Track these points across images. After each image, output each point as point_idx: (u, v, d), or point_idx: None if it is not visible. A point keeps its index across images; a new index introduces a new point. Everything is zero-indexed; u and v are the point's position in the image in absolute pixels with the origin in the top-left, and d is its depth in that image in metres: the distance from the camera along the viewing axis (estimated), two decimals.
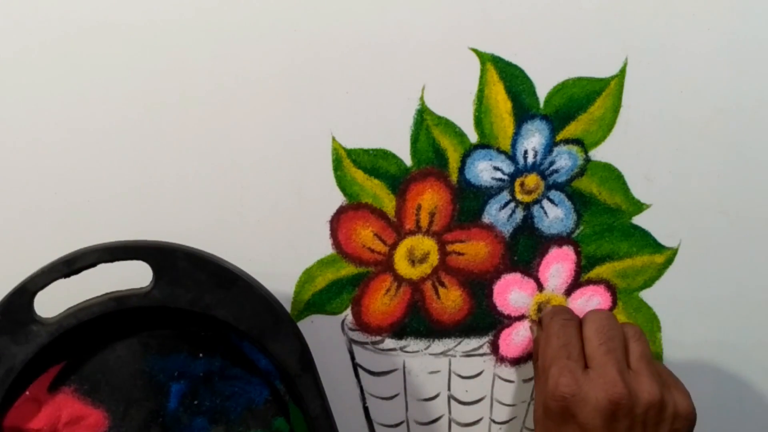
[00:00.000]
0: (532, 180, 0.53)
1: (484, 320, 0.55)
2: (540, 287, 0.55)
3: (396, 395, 0.56)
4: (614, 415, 0.44)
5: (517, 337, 0.55)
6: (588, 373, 0.46)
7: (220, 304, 0.46)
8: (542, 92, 0.51)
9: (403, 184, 0.52)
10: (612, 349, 0.46)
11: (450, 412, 0.56)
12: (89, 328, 0.45)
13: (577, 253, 0.55)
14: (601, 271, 0.55)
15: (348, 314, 0.54)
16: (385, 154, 0.51)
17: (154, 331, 0.47)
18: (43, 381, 0.46)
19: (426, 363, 0.55)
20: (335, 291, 0.53)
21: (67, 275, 0.44)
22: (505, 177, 0.53)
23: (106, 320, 0.45)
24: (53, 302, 0.45)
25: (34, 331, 0.44)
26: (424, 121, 0.51)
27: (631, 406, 0.44)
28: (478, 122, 0.51)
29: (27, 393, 0.46)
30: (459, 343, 0.55)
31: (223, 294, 0.46)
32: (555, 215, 0.54)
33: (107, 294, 0.45)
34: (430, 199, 0.52)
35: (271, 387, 0.49)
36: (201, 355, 0.48)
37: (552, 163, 0.53)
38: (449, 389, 0.56)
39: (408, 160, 0.52)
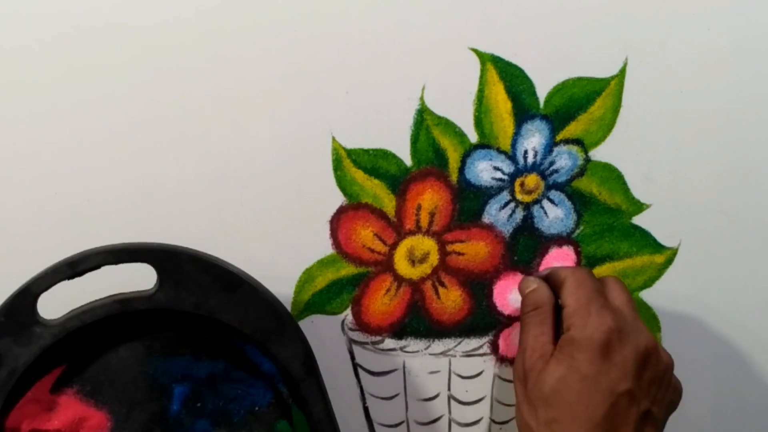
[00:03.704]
0: (532, 180, 0.53)
1: (484, 320, 0.55)
2: None
3: (396, 395, 0.56)
4: (646, 363, 0.46)
5: (517, 338, 0.55)
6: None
7: (225, 307, 0.46)
8: (542, 92, 0.51)
9: (403, 184, 0.52)
10: (637, 310, 0.50)
11: (450, 412, 0.56)
12: (92, 330, 0.45)
13: (577, 253, 0.55)
14: (602, 271, 0.55)
15: (348, 314, 0.54)
16: (385, 154, 0.51)
17: (157, 334, 0.47)
18: (46, 382, 0.46)
19: (426, 363, 0.55)
20: (335, 291, 0.53)
21: (70, 277, 0.44)
22: (505, 177, 0.53)
23: (109, 322, 0.45)
24: (56, 304, 0.45)
25: (37, 333, 0.44)
26: (424, 121, 0.51)
27: (658, 361, 0.47)
28: (478, 122, 0.51)
29: (29, 394, 0.46)
30: (459, 343, 0.55)
31: (228, 297, 0.45)
32: (555, 215, 0.54)
33: (111, 296, 0.45)
34: (430, 199, 0.52)
35: (275, 390, 0.49)
36: (204, 357, 0.48)
37: (552, 163, 0.53)
38: (449, 389, 0.56)
39: (408, 160, 0.52)
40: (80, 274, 0.44)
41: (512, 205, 0.53)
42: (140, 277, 0.46)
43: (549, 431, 0.45)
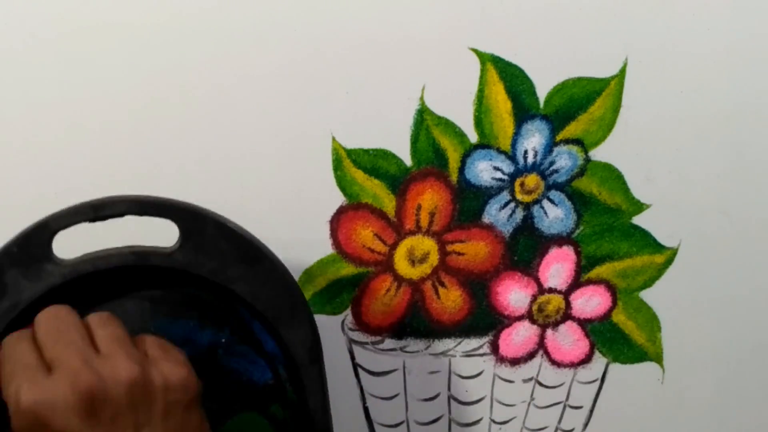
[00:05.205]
0: (532, 180, 0.53)
1: (484, 320, 0.55)
2: (540, 287, 0.55)
3: (396, 395, 0.56)
4: (91, 409, 0.38)
5: (517, 337, 0.55)
6: (52, 375, 0.38)
7: (241, 279, 0.44)
8: (542, 92, 0.51)
9: (403, 184, 0.52)
10: (70, 342, 0.39)
11: (450, 412, 0.56)
12: (102, 279, 0.44)
13: (577, 253, 0.55)
14: (601, 271, 0.55)
15: (348, 314, 0.54)
16: (385, 154, 0.51)
17: (167, 294, 0.46)
18: None
19: (426, 363, 0.55)
20: (335, 291, 0.53)
21: (92, 220, 0.42)
22: (505, 177, 0.53)
23: (120, 273, 0.44)
24: (72, 253, 0.44)
25: (48, 270, 0.42)
26: (424, 121, 0.51)
27: (106, 393, 0.38)
28: (478, 122, 0.51)
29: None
30: (459, 343, 0.55)
31: (246, 269, 0.44)
32: (555, 215, 0.54)
33: (129, 247, 0.43)
34: (430, 199, 0.52)
35: (274, 372, 0.48)
36: (209, 326, 0.47)
37: (552, 163, 0.53)
38: (449, 389, 0.56)
39: (408, 160, 0.52)
40: (102, 218, 0.42)
41: (512, 205, 0.53)
42: (162, 242, 0.44)
43: None
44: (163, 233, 0.44)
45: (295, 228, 0.52)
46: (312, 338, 0.46)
